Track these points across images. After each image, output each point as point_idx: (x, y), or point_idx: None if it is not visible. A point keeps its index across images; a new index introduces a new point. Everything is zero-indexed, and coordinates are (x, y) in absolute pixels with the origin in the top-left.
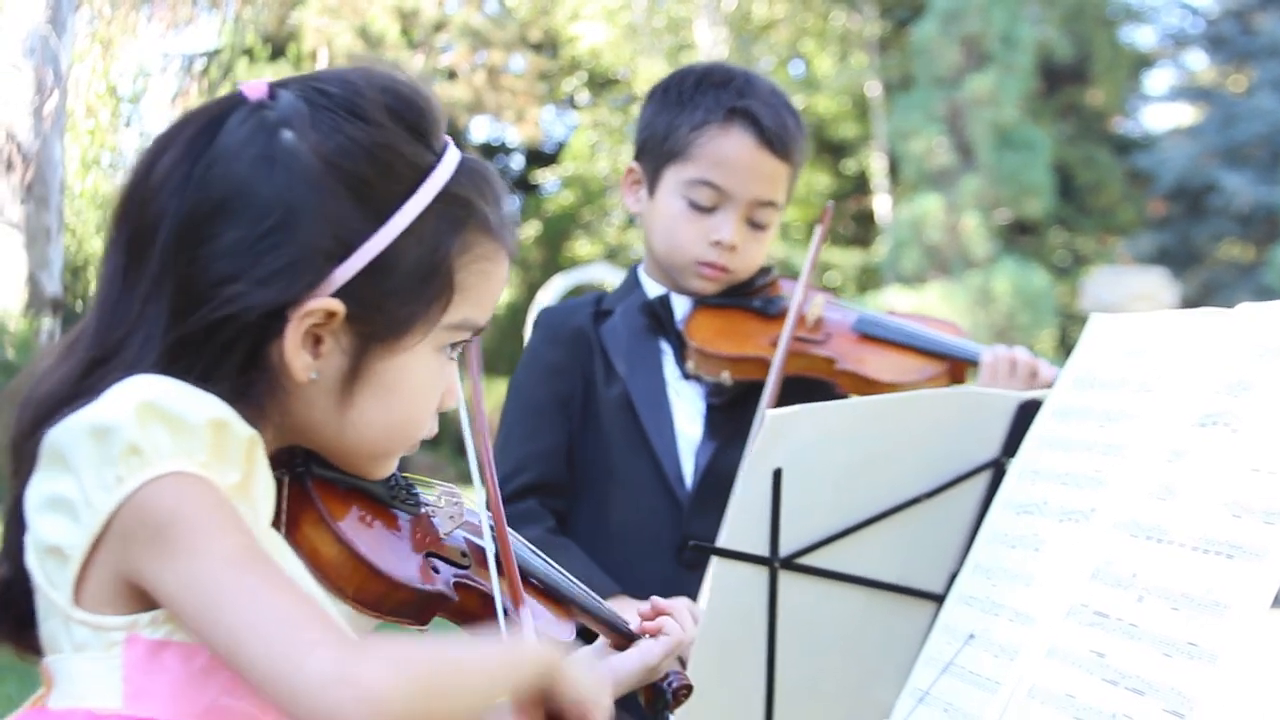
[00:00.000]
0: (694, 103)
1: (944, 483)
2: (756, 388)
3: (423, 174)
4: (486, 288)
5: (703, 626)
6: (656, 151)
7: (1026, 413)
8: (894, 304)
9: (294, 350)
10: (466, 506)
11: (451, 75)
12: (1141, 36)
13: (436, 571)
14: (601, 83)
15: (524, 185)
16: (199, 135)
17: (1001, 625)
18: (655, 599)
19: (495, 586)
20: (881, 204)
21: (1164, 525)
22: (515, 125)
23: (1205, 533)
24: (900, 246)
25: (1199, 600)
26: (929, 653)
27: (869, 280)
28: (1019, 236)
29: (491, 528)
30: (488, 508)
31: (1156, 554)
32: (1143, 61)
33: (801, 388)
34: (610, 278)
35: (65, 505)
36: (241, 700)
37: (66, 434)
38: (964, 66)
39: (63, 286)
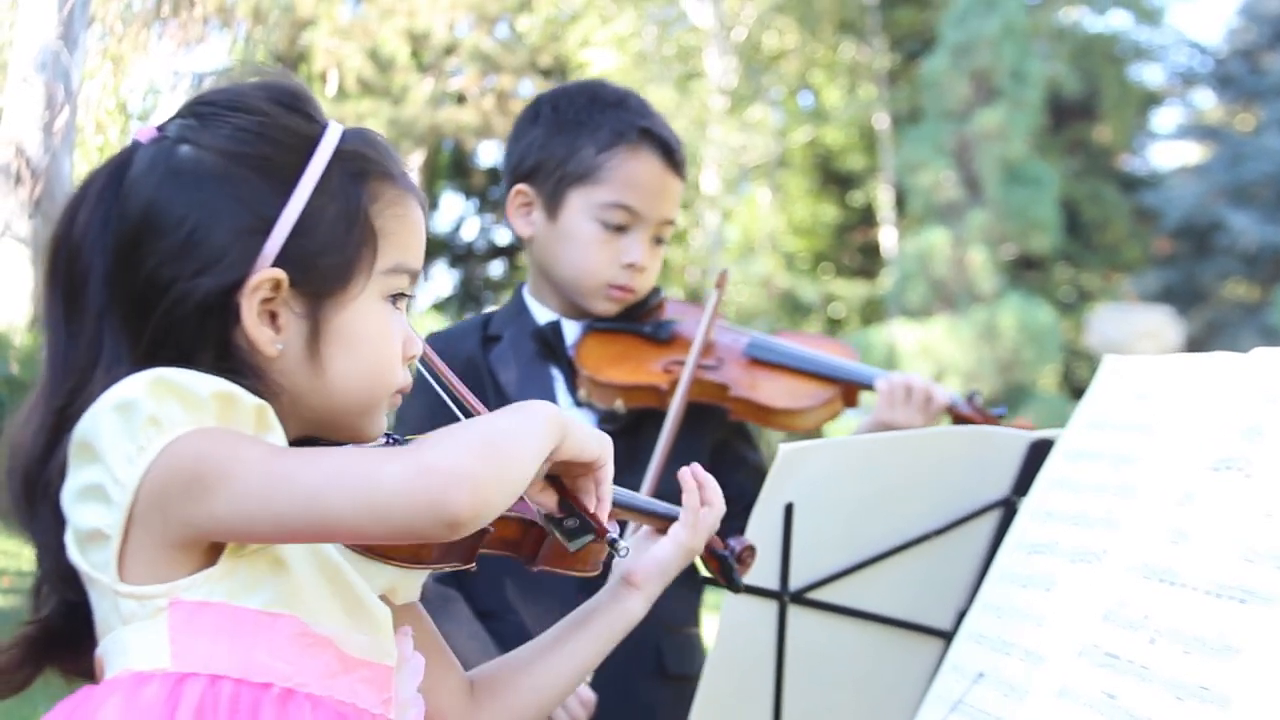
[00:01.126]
0: (595, 123)
1: (954, 520)
2: (650, 415)
3: (313, 142)
4: (407, 231)
5: (712, 659)
6: (556, 174)
7: (1037, 452)
8: (898, 337)
9: (254, 326)
10: None
11: (461, 99)
12: (1150, 74)
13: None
14: None
15: None
16: (107, 184)
17: (1012, 664)
18: (694, 466)
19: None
20: (887, 236)
21: (1176, 568)
22: None
23: (1217, 577)
24: (906, 279)
25: (1211, 644)
26: (937, 690)
27: (873, 313)
28: (1025, 272)
29: None
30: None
31: (1169, 597)
32: (1151, 99)
33: (694, 414)
34: None
35: (97, 491)
36: (281, 660)
37: (90, 421)
38: (973, 101)
39: None
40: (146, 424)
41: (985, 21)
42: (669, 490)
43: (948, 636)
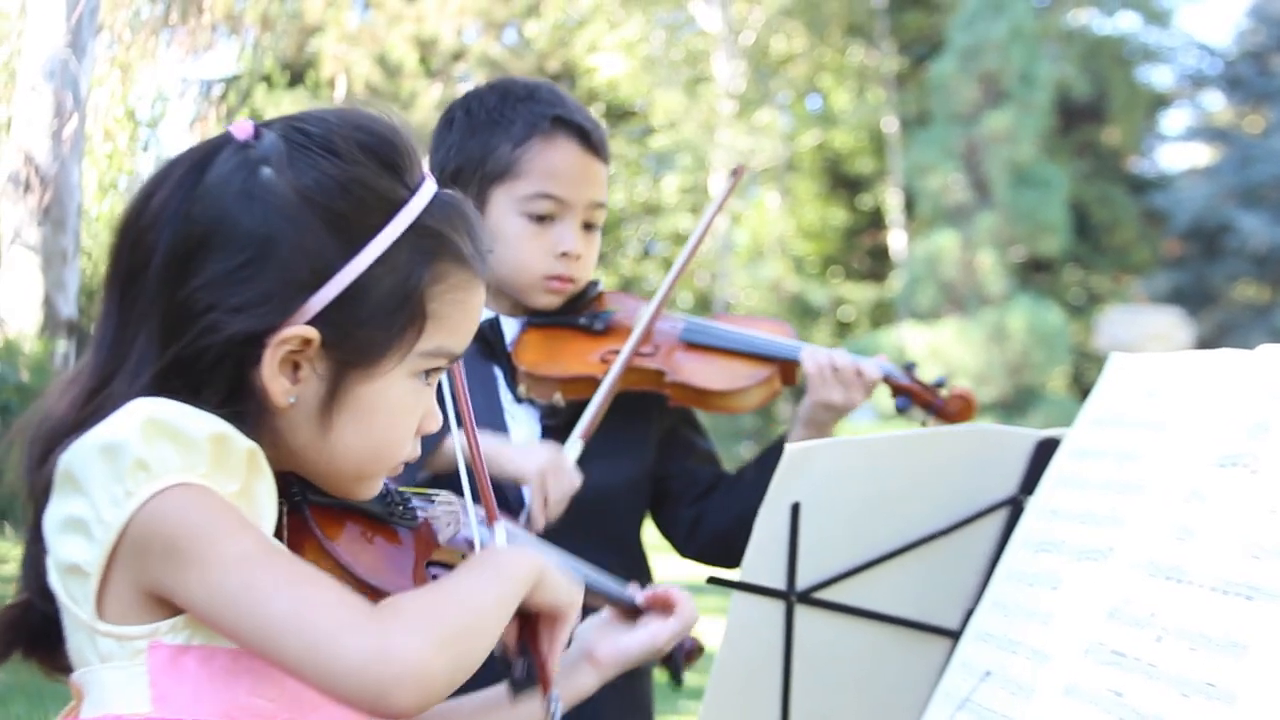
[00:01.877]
0: (507, 119)
1: (961, 519)
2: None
3: (395, 207)
4: (461, 316)
5: (719, 659)
6: (477, 174)
7: (1044, 450)
8: (907, 339)
9: (272, 375)
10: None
11: None
12: (1159, 76)
13: (435, 578)
14: (619, 114)
15: None
16: (188, 174)
17: (1018, 663)
18: (658, 586)
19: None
20: (897, 239)
21: (1182, 565)
22: None
23: (1224, 574)
24: (915, 282)
25: (1217, 641)
26: (945, 689)
27: (883, 315)
28: (1034, 274)
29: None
30: (476, 501)
31: (1175, 594)
32: (1160, 101)
33: (636, 403)
34: None
35: (80, 525)
36: (262, 699)
37: (77, 455)
38: (981, 103)
39: (78, 309)
40: (134, 467)
41: (993, 24)
42: (613, 481)
43: (955, 636)
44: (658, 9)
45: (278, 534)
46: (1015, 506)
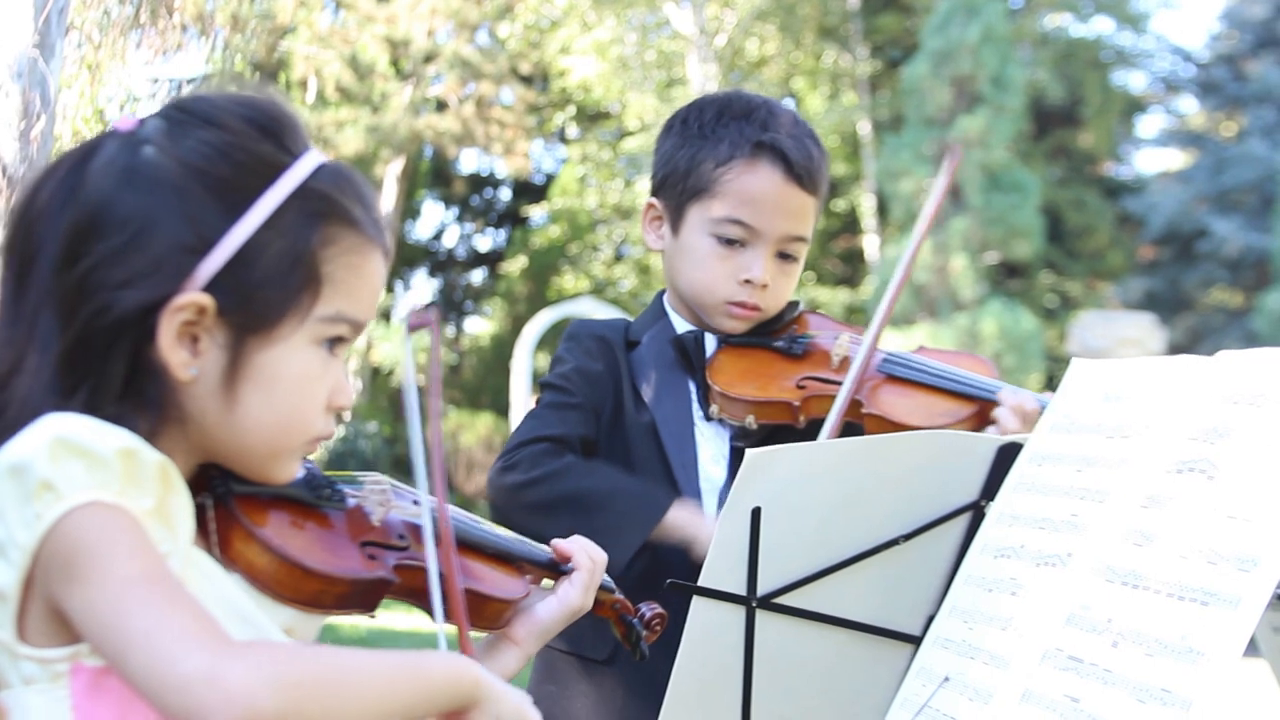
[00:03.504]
0: (716, 136)
1: (923, 525)
2: (782, 431)
3: (277, 171)
4: (358, 281)
5: (679, 665)
6: (679, 188)
7: (1006, 456)
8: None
9: (169, 346)
10: (402, 490)
11: (441, 106)
12: (1133, 80)
13: (373, 559)
14: (591, 116)
15: (512, 218)
16: (72, 169)
17: (977, 668)
18: (554, 542)
19: (430, 560)
20: (870, 243)
21: (1140, 571)
22: (504, 157)
23: (1181, 579)
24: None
25: (1173, 647)
26: (904, 695)
27: (856, 319)
28: (1007, 279)
29: (433, 504)
30: (430, 489)
31: (1132, 600)
32: (1134, 105)
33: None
34: (598, 313)
35: None
36: None
37: None
38: (954, 107)
39: None
40: (40, 489)
41: (967, 27)
42: None
43: (916, 641)
44: (631, 11)
45: (205, 527)
46: (977, 512)
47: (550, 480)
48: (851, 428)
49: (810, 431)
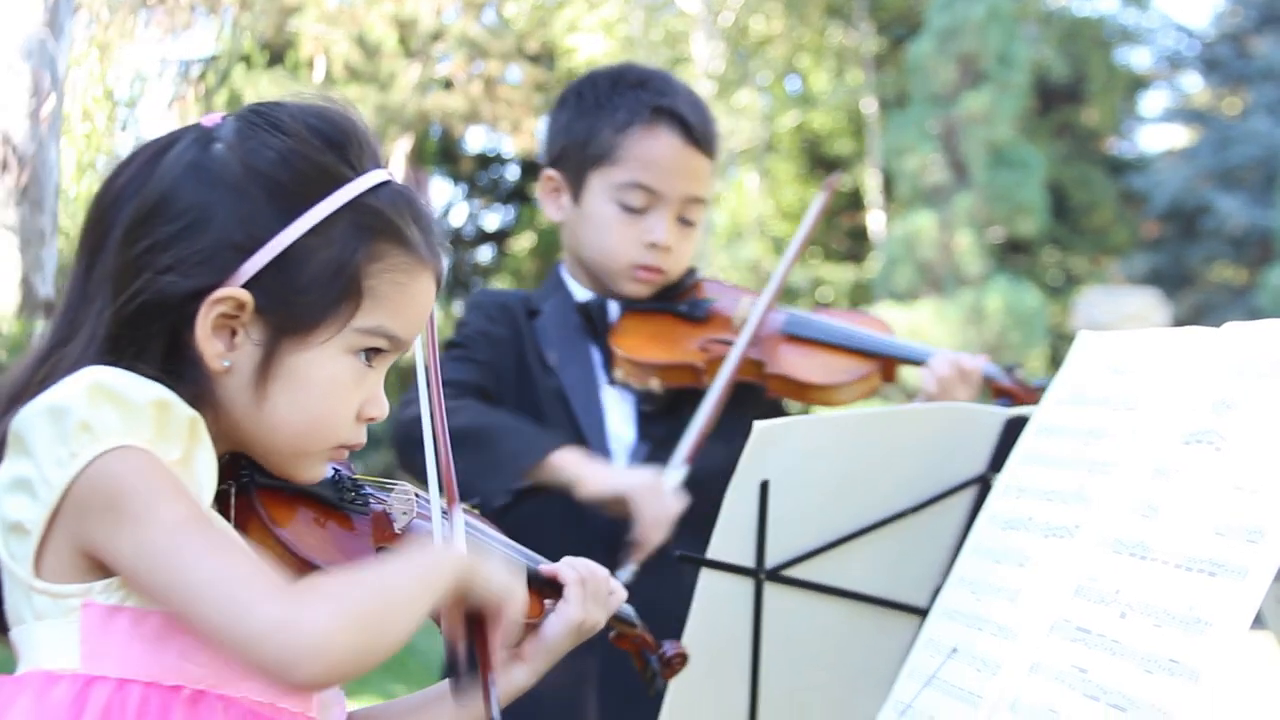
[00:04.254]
0: (613, 105)
1: (930, 497)
2: (687, 394)
3: (336, 183)
4: (402, 299)
5: (688, 636)
6: (578, 157)
7: (1013, 428)
8: (886, 320)
9: (205, 336)
10: (423, 498)
11: (448, 85)
12: (1137, 58)
13: None
14: None
15: (519, 196)
16: (151, 157)
17: (984, 640)
18: (559, 563)
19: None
20: (875, 220)
21: (1147, 542)
22: (511, 136)
23: (1188, 550)
24: (893, 263)
25: (1181, 618)
26: (912, 666)
27: (861, 296)
28: (1012, 255)
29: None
30: (441, 491)
31: (1140, 571)
32: (1138, 83)
33: (732, 393)
34: None
35: (25, 485)
36: (191, 664)
37: (25, 418)
38: (959, 84)
39: (56, 289)
40: (78, 429)
41: (971, 5)
42: (706, 466)
43: (923, 613)
44: None
45: (224, 513)
46: (984, 484)
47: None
48: (754, 389)
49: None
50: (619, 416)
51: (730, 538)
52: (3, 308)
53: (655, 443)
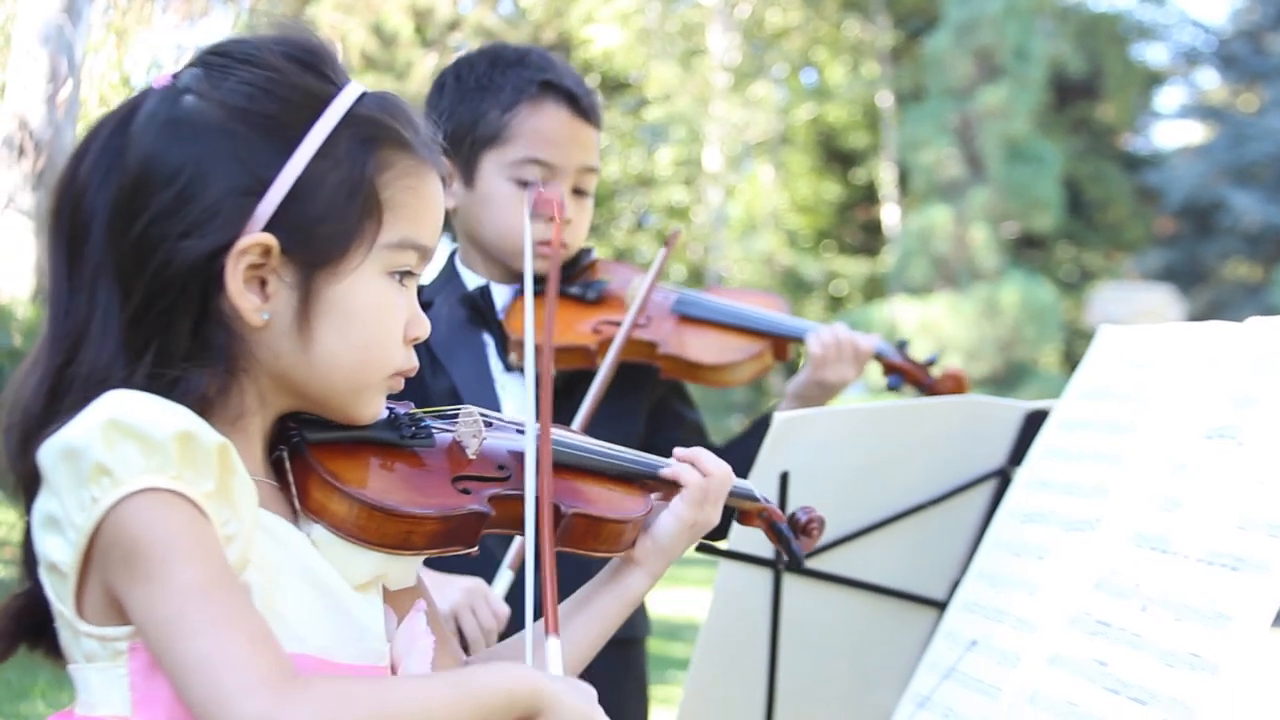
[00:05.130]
0: (496, 85)
1: (949, 490)
2: (582, 376)
3: (323, 102)
4: (418, 205)
5: (706, 627)
6: (467, 140)
7: (1033, 422)
8: (899, 314)
9: (238, 292)
10: (500, 420)
11: None
12: (1153, 54)
13: (468, 493)
14: (613, 86)
15: None
16: (114, 132)
17: (1004, 632)
18: (682, 452)
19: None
20: (890, 214)
21: (1168, 536)
22: None
23: (1210, 545)
24: (907, 257)
25: (1202, 611)
26: (931, 658)
27: (875, 290)
28: (1027, 250)
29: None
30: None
31: (1161, 565)
32: (1154, 79)
33: (627, 374)
34: None
35: (56, 524)
36: None
37: (47, 455)
38: (976, 79)
39: None
40: (96, 472)
41: (989, 0)
42: None
43: (942, 606)
44: None
45: (284, 479)
46: (1003, 478)
47: None
48: (646, 370)
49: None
50: (515, 405)
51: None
52: (18, 293)
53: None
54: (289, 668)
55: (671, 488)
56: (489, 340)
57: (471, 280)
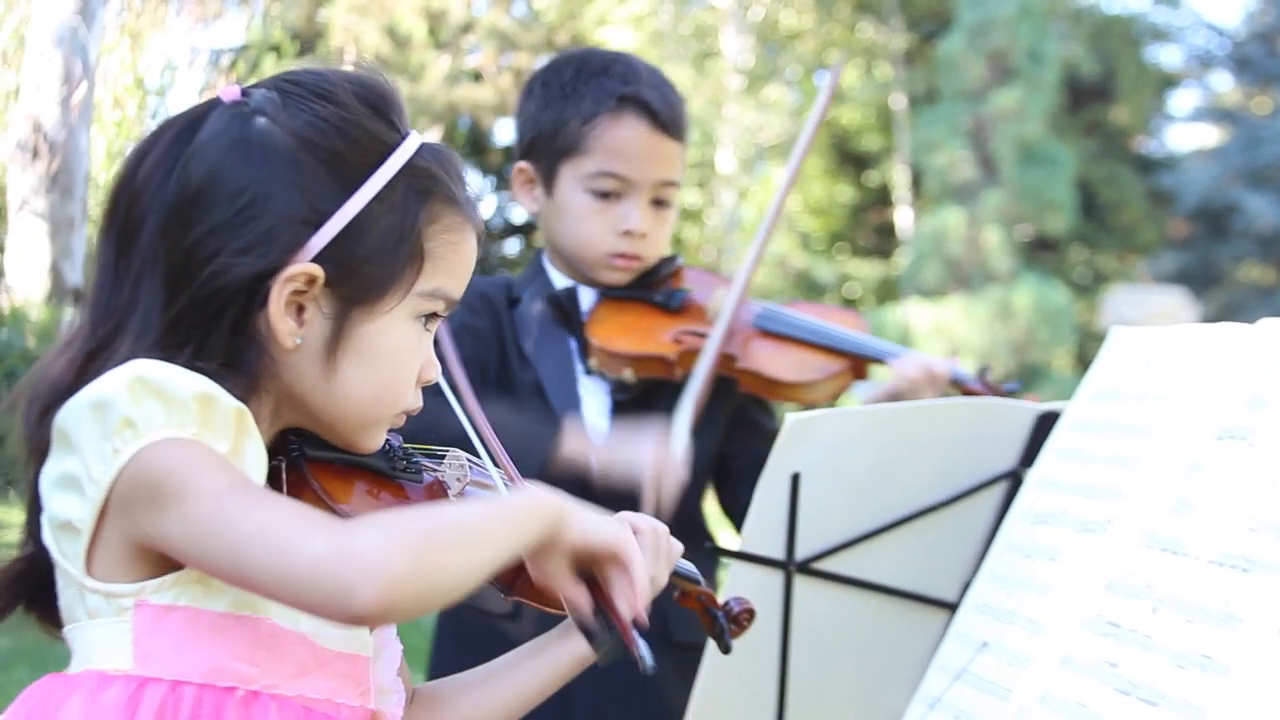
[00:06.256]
0: (578, 94)
1: (961, 491)
2: (662, 385)
3: (389, 148)
4: (456, 259)
5: None
6: (548, 149)
7: (1045, 423)
8: (913, 317)
9: (279, 315)
10: (481, 468)
11: (478, 77)
12: (1167, 56)
13: None
14: None
15: None
16: (179, 136)
17: (1015, 634)
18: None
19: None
20: (903, 216)
21: (1180, 538)
22: None
23: (1221, 546)
24: (921, 259)
25: (1213, 613)
26: (941, 660)
27: (888, 292)
28: (1040, 252)
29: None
30: (489, 455)
31: (1172, 566)
32: (1168, 81)
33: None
34: None
35: (73, 482)
36: (245, 664)
37: (70, 413)
38: (989, 81)
39: (85, 276)
40: (121, 425)
41: (1002, 2)
42: (693, 460)
43: (953, 607)
44: None
45: (277, 488)
46: (1015, 479)
47: (442, 424)
48: (726, 382)
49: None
50: (594, 407)
51: (761, 529)
52: (32, 294)
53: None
54: (337, 519)
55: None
56: (573, 343)
57: (558, 280)
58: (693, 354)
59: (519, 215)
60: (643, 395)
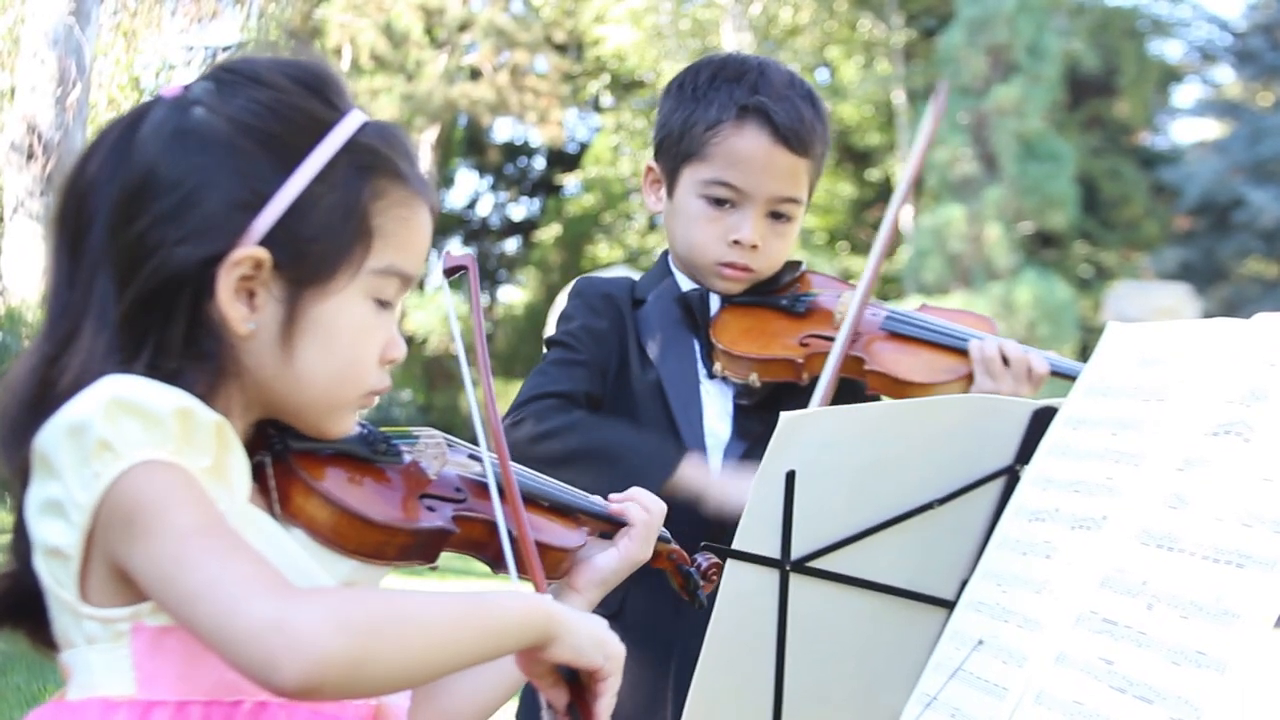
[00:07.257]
0: (708, 99)
1: (957, 489)
2: (787, 389)
3: (326, 126)
4: (407, 235)
5: (712, 628)
6: (673, 151)
7: (1041, 420)
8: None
9: (228, 301)
10: (459, 445)
11: (475, 74)
12: (1169, 50)
13: (432, 510)
14: (625, 85)
15: (546, 187)
16: (122, 135)
17: (1010, 631)
18: (612, 495)
19: (498, 508)
20: (904, 213)
21: (1175, 534)
22: (538, 126)
23: (1216, 542)
24: (922, 256)
25: (1208, 609)
26: (938, 658)
27: (890, 289)
28: (1042, 248)
29: (494, 460)
30: (489, 445)
31: (1167, 562)
32: (1170, 75)
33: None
34: None
35: (57, 507)
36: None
37: (48, 437)
38: (990, 76)
39: None
40: (99, 448)
41: None
42: None
43: (950, 605)
44: None
45: (264, 484)
46: (1011, 476)
47: (560, 435)
48: (853, 385)
49: (814, 389)
50: (716, 412)
51: (756, 528)
52: (28, 296)
53: (752, 440)
54: (291, 584)
55: (611, 524)
56: (697, 346)
57: (684, 282)
58: (820, 357)
59: (517, 213)
60: (766, 400)
